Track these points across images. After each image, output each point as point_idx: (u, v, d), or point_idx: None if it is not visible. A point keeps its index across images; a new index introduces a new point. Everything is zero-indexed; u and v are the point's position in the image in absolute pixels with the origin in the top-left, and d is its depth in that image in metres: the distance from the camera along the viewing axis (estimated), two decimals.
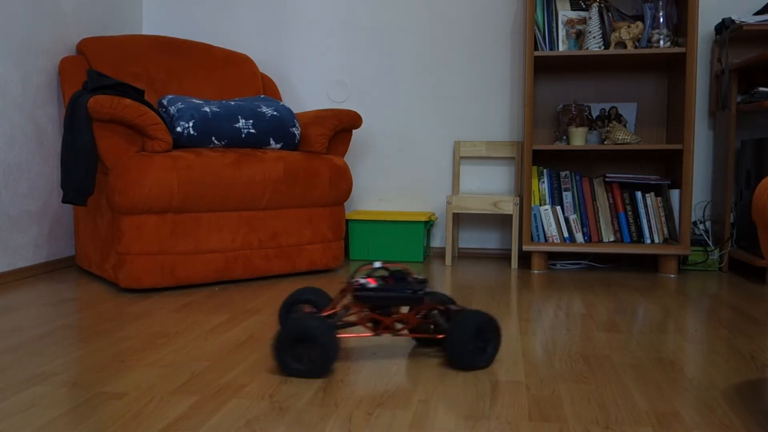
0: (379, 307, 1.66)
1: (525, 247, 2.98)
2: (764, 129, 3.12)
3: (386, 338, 1.88)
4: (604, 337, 1.90)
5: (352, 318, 1.82)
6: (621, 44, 2.92)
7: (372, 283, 1.63)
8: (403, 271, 1.68)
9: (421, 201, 3.47)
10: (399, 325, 1.78)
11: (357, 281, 1.64)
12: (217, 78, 3.21)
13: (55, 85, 2.94)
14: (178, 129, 2.61)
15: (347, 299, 1.72)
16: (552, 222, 3.03)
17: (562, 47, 3.03)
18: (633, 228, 3.02)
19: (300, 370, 1.54)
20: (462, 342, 1.58)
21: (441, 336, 1.70)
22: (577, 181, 3.06)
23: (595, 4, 2.96)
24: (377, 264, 1.68)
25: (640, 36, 2.89)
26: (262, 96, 2.98)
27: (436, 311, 1.67)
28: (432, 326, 1.75)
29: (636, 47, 2.93)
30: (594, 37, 2.95)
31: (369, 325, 1.67)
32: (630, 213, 3.03)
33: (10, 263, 2.68)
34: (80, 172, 2.44)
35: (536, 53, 2.95)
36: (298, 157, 2.75)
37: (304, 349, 1.54)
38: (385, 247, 3.22)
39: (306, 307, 1.78)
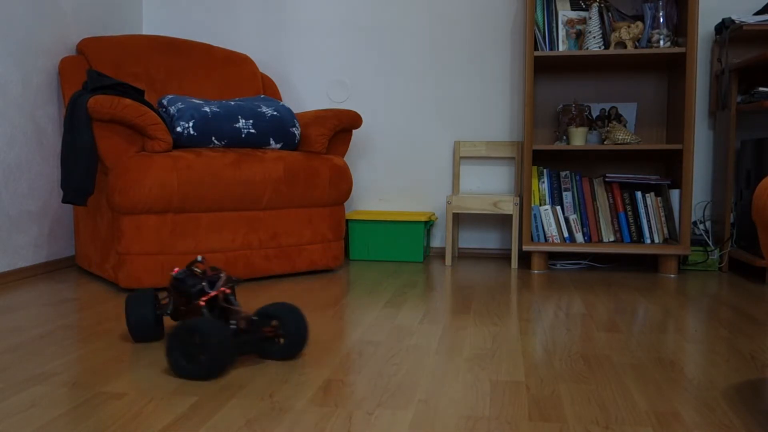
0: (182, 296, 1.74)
1: (525, 247, 2.98)
2: (764, 129, 3.12)
3: (393, 338, 1.88)
4: (604, 337, 1.90)
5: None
6: (621, 44, 2.92)
7: (175, 272, 1.78)
8: (206, 268, 1.76)
9: (421, 201, 3.47)
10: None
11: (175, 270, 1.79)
12: (217, 78, 3.21)
13: (55, 85, 2.94)
14: (178, 129, 2.61)
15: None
16: (552, 222, 3.03)
17: (562, 47, 3.03)
18: (633, 228, 3.02)
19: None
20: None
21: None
22: (577, 181, 3.06)
23: (595, 4, 2.96)
24: (199, 257, 1.78)
25: (640, 36, 2.89)
26: (262, 96, 2.98)
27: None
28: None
29: (636, 47, 2.93)
30: (594, 37, 2.95)
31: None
32: (630, 213, 3.03)
33: (10, 263, 2.68)
34: (80, 172, 2.44)
35: (536, 53, 2.95)
36: (298, 157, 2.75)
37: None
38: (385, 247, 3.22)
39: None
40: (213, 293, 1.69)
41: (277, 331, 1.67)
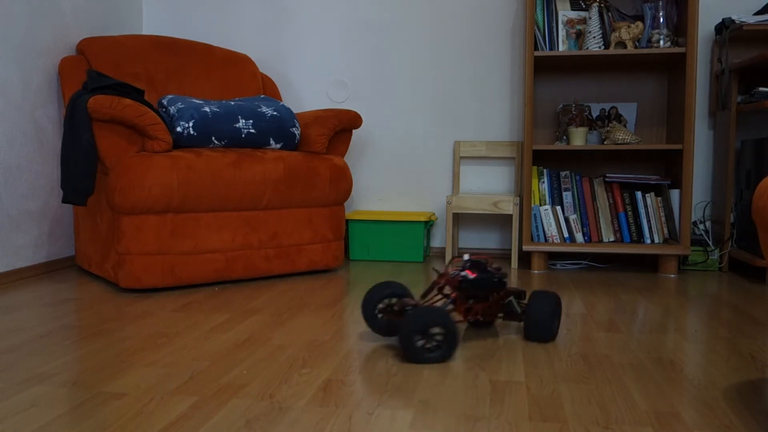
0: (474, 295, 1.86)
1: (525, 247, 2.98)
2: (764, 129, 3.12)
3: (393, 338, 1.88)
4: (604, 337, 1.90)
5: (449, 307, 1.93)
6: (621, 44, 2.92)
7: (471, 275, 1.84)
8: (483, 261, 1.88)
9: (421, 201, 3.47)
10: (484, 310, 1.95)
11: (458, 274, 1.84)
12: (217, 78, 3.21)
13: (55, 85, 2.94)
14: (178, 129, 2.61)
15: (447, 290, 1.92)
16: (552, 222, 3.03)
17: (562, 47, 3.03)
18: (633, 228, 3.02)
19: (432, 357, 1.66)
20: (539, 318, 1.82)
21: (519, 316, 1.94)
22: (577, 181, 3.06)
23: (595, 4, 2.96)
24: (466, 257, 1.89)
25: (640, 36, 2.89)
26: (262, 96, 2.98)
27: (511, 295, 1.92)
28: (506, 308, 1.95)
29: (636, 47, 2.93)
30: (594, 37, 2.95)
31: (463, 312, 1.86)
32: (630, 213, 3.03)
33: (10, 263, 2.68)
34: (80, 172, 2.44)
35: (536, 53, 2.95)
36: (298, 157, 2.75)
37: (433, 337, 1.66)
38: (385, 247, 3.22)
39: (407, 300, 1.85)
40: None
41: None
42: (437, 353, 1.66)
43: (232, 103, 2.78)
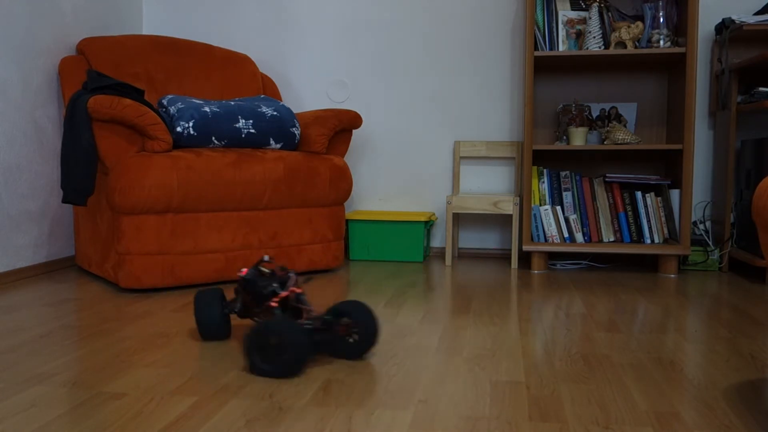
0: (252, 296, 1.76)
1: (525, 247, 2.98)
2: (764, 129, 3.12)
3: (393, 338, 1.88)
4: (604, 337, 1.90)
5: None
6: (621, 44, 2.92)
7: (244, 273, 1.78)
8: (275, 268, 1.79)
9: (421, 201, 3.47)
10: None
11: (243, 270, 1.79)
12: (217, 78, 3.21)
13: (55, 85, 2.94)
14: (178, 129, 2.61)
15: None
16: (552, 222, 3.03)
17: (562, 47, 3.03)
18: (633, 228, 3.02)
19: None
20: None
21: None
22: (577, 181, 3.06)
23: (595, 4, 2.96)
24: (266, 257, 1.80)
25: (640, 36, 2.89)
26: (262, 96, 2.98)
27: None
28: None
29: (636, 47, 2.93)
30: (594, 37, 2.95)
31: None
32: (630, 213, 3.03)
33: (10, 263, 2.68)
34: (80, 173, 2.44)
35: (536, 53, 2.95)
36: (298, 157, 2.75)
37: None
38: (385, 247, 3.22)
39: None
40: (285, 294, 1.69)
41: (350, 330, 1.67)
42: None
43: (232, 103, 2.78)
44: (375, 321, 1.68)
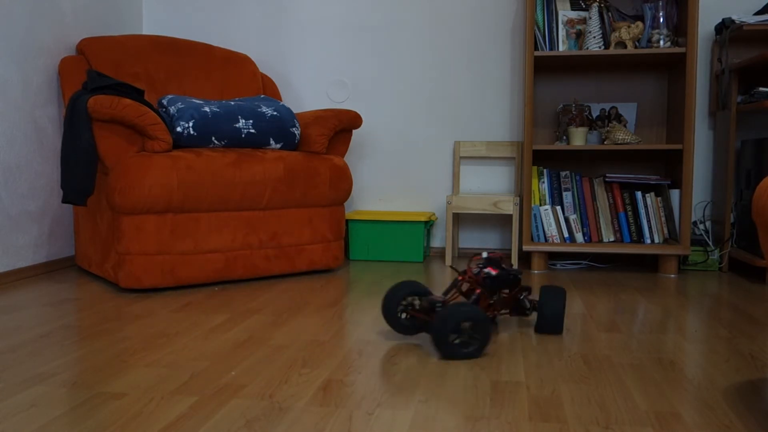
0: (496, 292, 1.92)
1: (525, 247, 2.98)
2: (764, 129, 3.12)
3: (393, 338, 1.88)
4: (604, 337, 1.90)
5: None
6: (621, 44, 2.92)
7: (494, 272, 1.90)
8: (498, 258, 1.95)
9: (421, 201, 3.47)
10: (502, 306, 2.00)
11: (482, 271, 1.90)
12: (217, 78, 3.21)
13: (55, 85, 2.94)
14: (178, 129, 2.61)
15: (464, 287, 2.02)
16: (552, 222, 3.03)
17: (562, 47, 3.03)
18: (633, 228, 3.02)
19: (466, 353, 1.69)
20: (554, 314, 1.90)
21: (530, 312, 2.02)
22: (577, 181, 3.06)
23: (595, 4, 2.96)
24: (485, 254, 1.95)
25: (640, 36, 2.89)
26: (262, 96, 2.98)
27: (525, 291, 2.00)
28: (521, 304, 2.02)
29: (636, 47, 2.93)
30: (594, 37, 2.95)
31: (486, 308, 1.92)
32: (630, 213, 3.03)
33: (10, 263, 2.68)
34: (80, 173, 2.44)
35: (536, 53, 2.95)
36: (298, 157, 2.75)
37: (465, 332, 1.69)
38: (385, 247, 3.22)
39: (433, 297, 1.88)
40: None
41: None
42: (470, 349, 1.69)
43: (232, 103, 2.78)
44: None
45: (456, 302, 1.72)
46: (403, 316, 1.88)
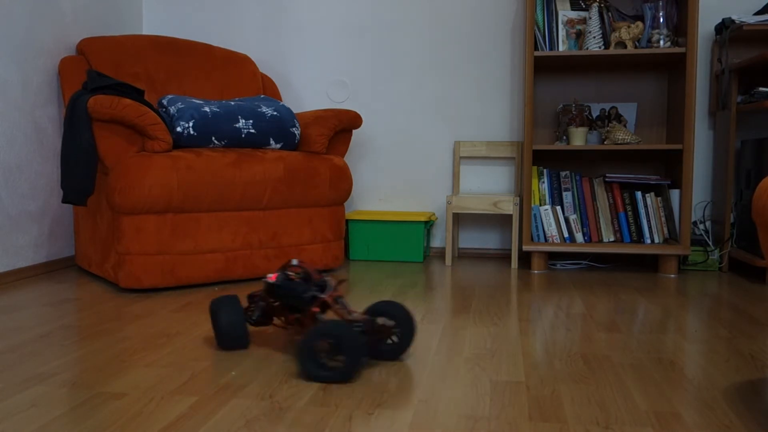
0: (282, 302, 1.71)
1: (525, 247, 2.98)
2: (764, 129, 3.12)
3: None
4: (604, 337, 1.90)
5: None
6: (621, 44, 2.92)
7: (272, 279, 1.70)
8: (310, 272, 1.70)
9: (421, 201, 3.47)
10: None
11: (267, 277, 1.72)
12: (217, 78, 3.21)
13: (55, 85, 2.94)
14: (178, 129, 2.61)
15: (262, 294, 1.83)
16: (552, 222, 3.03)
17: (562, 47, 3.03)
18: (633, 228, 3.02)
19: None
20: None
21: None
22: (577, 181, 3.06)
23: (595, 4, 2.96)
24: (294, 261, 1.73)
25: (640, 36, 2.89)
26: (262, 96, 2.98)
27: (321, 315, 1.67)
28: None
29: (636, 47, 2.93)
30: (594, 37, 2.95)
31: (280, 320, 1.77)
32: (630, 213, 3.03)
33: (10, 263, 2.68)
34: (80, 173, 2.44)
35: (536, 53, 2.95)
36: (298, 157, 2.75)
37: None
38: (385, 247, 3.22)
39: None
40: (325, 298, 1.64)
41: (391, 331, 1.66)
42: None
43: (232, 103, 2.78)
44: (413, 321, 1.68)
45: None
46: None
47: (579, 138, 2.98)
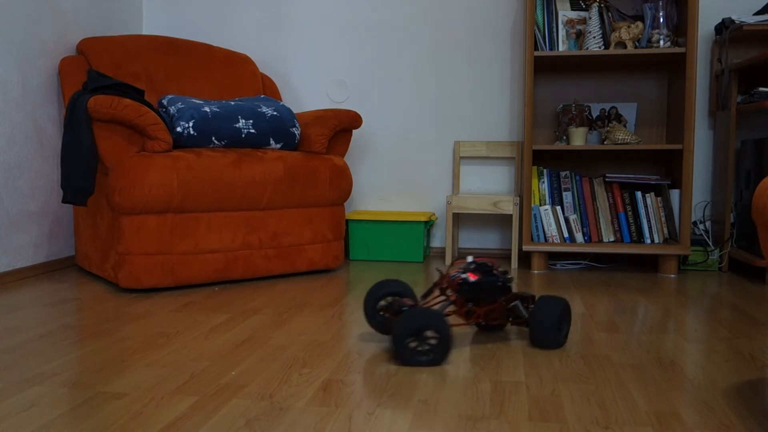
0: (475, 298, 1.82)
1: (525, 247, 2.98)
2: (764, 129, 3.12)
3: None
4: (604, 337, 1.90)
5: (450, 309, 1.97)
6: (621, 44, 2.92)
7: (473, 278, 1.79)
8: (488, 264, 1.84)
9: (421, 201, 3.47)
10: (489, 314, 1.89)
11: (459, 276, 1.80)
12: (217, 78, 3.21)
13: (55, 85, 2.94)
14: (178, 129, 2.61)
15: (449, 292, 1.88)
16: (552, 222, 3.03)
17: (562, 47, 3.03)
18: (633, 228, 3.02)
19: (424, 360, 1.63)
20: (545, 325, 1.76)
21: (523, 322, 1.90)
22: (577, 181, 3.06)
23: (595, 4, 2.96)
24: (470, 258, 1.85)
25: (640, 36, 2.89)
26: (262, 96, 2.98)
27: (518, 299, 1.88)
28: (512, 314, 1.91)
29: (636, 47, 2.93)
30: (594, 37, 2.95)
31: (464, 315, 1.82)
32: (630, 213, 3.03)
33: (10, 263, 2.68)
34: (80, 173, 2.44)
35: (536, 53, 2.95)
36: (298, 157, 2.75)
37: (426, 340, 1.64)
38: (385, 247, 3.22)
39: (406, 299, 1.83)
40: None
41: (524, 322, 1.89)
42: (429, 357, 1.63)
43: (232, 103, 2.78)
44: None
45: (423, 307, 1.66)
46: (381, 314, 1.86)
47: (579, 138, 2.98)
